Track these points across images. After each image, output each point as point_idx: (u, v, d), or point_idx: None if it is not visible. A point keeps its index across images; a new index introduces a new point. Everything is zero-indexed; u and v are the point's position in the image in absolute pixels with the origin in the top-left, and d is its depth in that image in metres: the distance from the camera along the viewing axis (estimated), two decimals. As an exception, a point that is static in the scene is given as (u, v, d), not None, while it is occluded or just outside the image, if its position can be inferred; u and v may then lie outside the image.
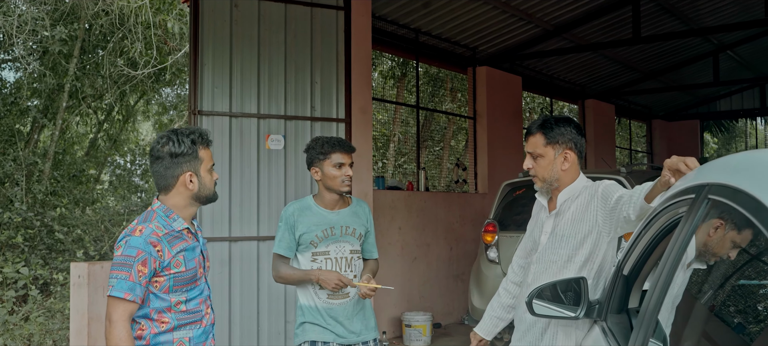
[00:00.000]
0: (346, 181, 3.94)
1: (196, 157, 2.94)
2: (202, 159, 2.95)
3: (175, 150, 2.90)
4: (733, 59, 14.85)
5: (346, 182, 3.94)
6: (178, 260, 2.88)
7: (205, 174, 2.97)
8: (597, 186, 3.17)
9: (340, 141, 3.98)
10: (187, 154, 2.92)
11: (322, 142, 3.96)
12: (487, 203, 10.65)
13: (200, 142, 2.95)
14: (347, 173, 3.93)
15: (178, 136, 2.92)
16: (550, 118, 3.28)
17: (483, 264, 7.48)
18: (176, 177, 2.93)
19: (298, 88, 6.93)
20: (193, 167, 2.93)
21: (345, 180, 3.93)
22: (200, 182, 2.96)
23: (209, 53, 6.51)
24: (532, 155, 3.28)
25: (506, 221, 7.51)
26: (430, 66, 13.18)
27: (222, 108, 6.57)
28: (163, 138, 2.94)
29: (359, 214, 4.07)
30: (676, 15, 11.47)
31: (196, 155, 2.93)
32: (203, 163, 2.96)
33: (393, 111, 14.10)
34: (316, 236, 3.93)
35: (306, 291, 3.98)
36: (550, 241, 3.26)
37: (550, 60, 12.49)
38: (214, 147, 6.50)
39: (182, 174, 2.93)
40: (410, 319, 8.46)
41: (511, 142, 11.62)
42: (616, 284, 2.98)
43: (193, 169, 2.94)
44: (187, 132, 2.95)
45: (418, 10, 9.21)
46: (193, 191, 2.95)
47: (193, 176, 2.94)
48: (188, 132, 2.95)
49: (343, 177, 3.92)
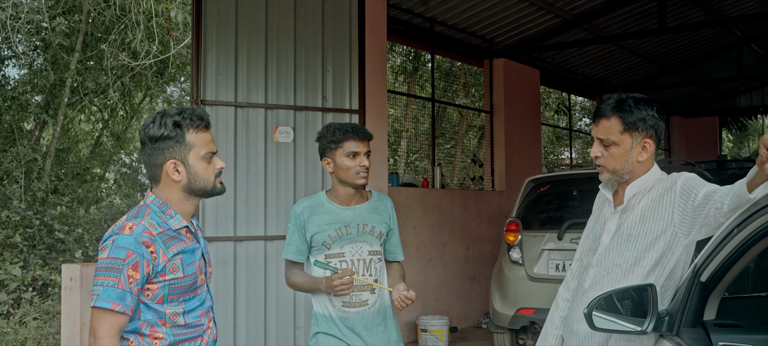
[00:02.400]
0: (362, 172, 3.46)
1: (182, 142, 2.48)
2: (191, 144, 2.49)
3: (155, 133, 2.46)
4: (755, 53, 14.35)
5: (361, 173, 3.46)
6: (174, 265, 2.43)
7: (197, 162, 2.50)
8: (674, 179, 2.69)
9: (355, 127, 3.51)
10: (169, 139, 2.46)
11: (334, 128, 3.50)
12: (504, 200, 10.20)
13: (189, 124, 2.48)
14: (363, 163, 3.46)
15: (162, 117, 2.47)
16: (628, 98, 2.76)
17: (505, 265, 7.02)
18: (160, 166, 2.49)
19: (308, 77, 6.50)
20: (178, 154, 2.48)
21: (360, 172, 3.45)
22: (189, 172, 2.50)
23: (213, 39, 6.08)
24: (603, 142, 2.78)
25: (530, 220, 7.04)
26: (444, 60, 12.74)
27: (227, 98, 6.14)
28: (147, 120, 2.49)
29: (380, 210, 3.61)
30: (701, 5, 10.99)
31: (181, 140, 2.47)
32: (193, 149, 2.49)
33: (405, 106, 13.65)
34: (328, 237, 3.47)
35: (320, 298, 3.53)
36: (614, 241, 2.78)
37: (568, 53, 12.04)
38: (218, 140, 6.15)
39: (165, 162, 2.48)
40: (426, 323, 8.04)
41: (529, 137, 11.17)
42: (691, 292, 2.52)
43: (179, 157, 2.48)
44: (173, 112, 2.49)
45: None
46: (181, 183, 2.50)
47: (178, 164, 2.48)
48: (174, 112, 2.49)
49: (357, 168, 3.45)
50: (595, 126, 2.80)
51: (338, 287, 3.31)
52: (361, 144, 3.46)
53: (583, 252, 3.00)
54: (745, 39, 13.33)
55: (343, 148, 3.45)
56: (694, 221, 2.58)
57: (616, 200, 2.88)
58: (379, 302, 3.56)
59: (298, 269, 3.58)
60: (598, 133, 2.78)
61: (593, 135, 2.81)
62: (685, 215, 2.61)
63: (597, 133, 2.79)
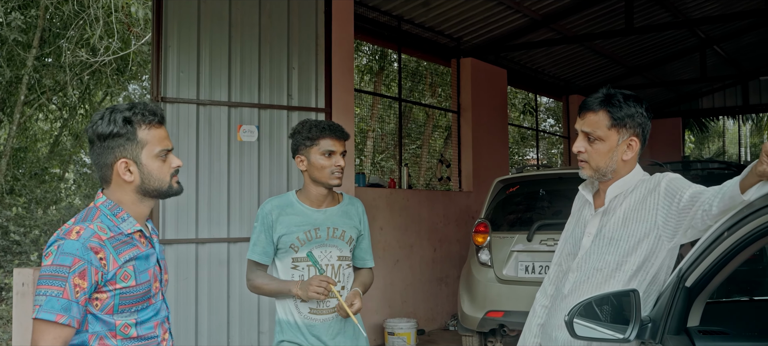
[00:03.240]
0: (337, 172, 3.31)
1: (134, 140, 2.29)
2: (143, 141, 2.30)
3: (104, 131, 2.27)
4: (717, 55, 14.48)
5: (336, 173, 3.31)
6: (126, 272, 2.24)
7: (151, 161, 2.32)
8: (658, 179, 2.57)
9: (332, 125, 3.35)
10: (119, 136, 2.27)
11: (309, 125, 3.33)
12: (472, 201, 10.11)
13: (141, 120, 2.30)
14: (338, 163, 3.30)
15: (112, 113, 2.28)
16: (617, 93, 2.65)
17: (474, 267, 6.90)
18: (110, 166, 2.30)
19: (273, 75, 6.31)
20: (129, 152, 2.29)
21: (335, 171, 3.30)
22: (142, 172, 2.31)
23: (174, 34, 5.86)
24: (588, 137, 2.66)
25: (499, 221, 6.94)
26: (410, 59, 12.61)
27: (188, 95, 5.93)
28: (95, 116, 2.31)
29: (351, 214, 3.45)
30: (667, 6, 11.02)
31: (132, 137, 2.29)
32: (146, 146, 2.31)
33: (371, 106, 13.50)
34: (297, 239, 3.30)
35: (284, 304, 3.36)
36: (594, 244, 2.66)
37: (535, 53, 12.00)
38: (179, 139, 5.94)
39: (115, 162, 2.29)
40: (393, 326, 7.90)
41: (497, 138, 11.09)
42: (676, 298, 2.41)
43: (130, 155, 2.30)
44: (124, 107, 2.31)
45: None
46: (133, 183, 2.31)
47: (130, 163, 2.30)
48: (125, 107, 2.31)
49: (332, 168, 3.29)
50: (580, 120, 2.68)
51: (315, 289, 3.14)
52: (337, 143, 3.31)
53: (562, 256, 2.87)
54: (709, 41, 13.43)
55: (318, 146, 3.30)
56: (679, 224, 2.47)
57: (597, 202, 2.76)
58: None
59: (262, 271, 3.41)
60: (584, 126, 2.66)
61: (578, 129, 2.69)
62: (669, 217, 2.50)
63: (582, 127, 2.67)
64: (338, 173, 3.31)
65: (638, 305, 2.42)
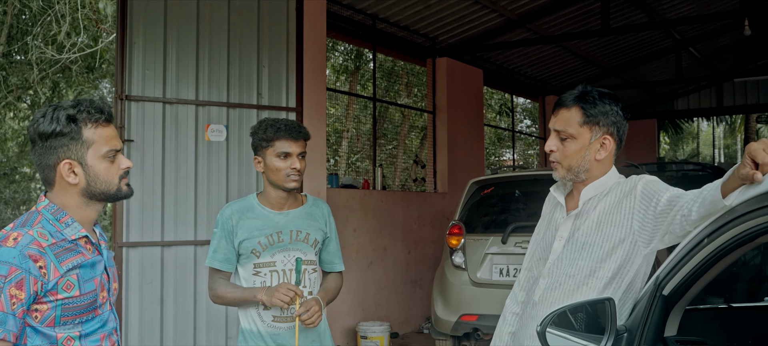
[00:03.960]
0: (293, 175, 3.14)
1: (78, 139, 2.13)
2: (89, 141, 2.15)
3: (46, 129, 2.11)
4: (693, 57, 14.52)
5: (291, 176, 3.14)
6: (69, 282, 2.08)
7: (97, 162, 2.16)
8: (634, 182, 2.46)
9: (289, 124, 3.18)
10: (63, 135, 2.12)
11: (266, 125, 3.18)
12: (447, 202, 10.00)
13: (86, 118, 2.14)
14: (294, 165, 3.13)
15: (55, 111, 2.13)
16: (593, 90, 2.54)
17: (448, 270, 6.78)
18: (53, 167, 2.14)
19: (242, 73, 6.17)
20: (73, 153, 2.14)
21: (291, 174, 3.14)
22: (87, 173, 2.16)
23: (140, 29, 5.69)
24: (560, 135, 2.54)
25: (473, 223, 6.82)
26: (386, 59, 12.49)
27: (154, 93, 5.76)
28: (37, 114, 2.15)
29: (316, 216, 3.30)
30: (643, 7, 10.99)
31: (77, 136, 2.13)
32: (92, 146, 2.15)
33: (346, 105, 13.35)
34: (258, 244, 3.15)
35: (247, 312, 3.21)
36: (566, 249, 2.54)
37: (511, 53, 11.92)
38: (144, 138, 5.77)
39: (58, 163, 2.13)
40: (366, 330, 7.76)
41: (472, 138, 10.99)
42: (653, 307, 2.30)
43: (75, 156, 2.14)
44: (68, 104, 2.15)
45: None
46: (78, 186, 2.16)
47: (74, 164, 2.14)
48: (69, 104, 2.15)
49: (288, 170, 3.13)
50: (554, 117, 2.57)
51: (280, 298, 2.99)
52: (293, 144, 3.15)
53: (533, 261, 2.75)
54: (684, 42, 13.45)
55: (274, 147, 3.14)
56: (656, 229, 2.36)
57: (570, 204, 2.64)
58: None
59: (224, 279, 3.25)
60: (556, 124, 2.55)
61: (550, 127, 2.58)
62: (646, 222, 2.39)
63: (554, 125, 2.55)
64: (294, 175, 3.15)
65: (614, 315, 2.31)
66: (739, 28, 12.72)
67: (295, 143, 3.15)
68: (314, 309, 3.06)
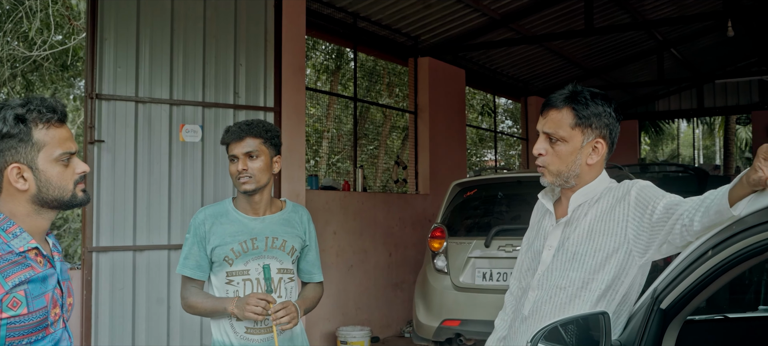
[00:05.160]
0: (243, 178, 2.95)
1: (28, 141, 1.94)
2: (40, 143, 1.96)
3: None
4: (674, 58, 14.50)
5: (241, 179, 2.95)
6: (15, 299, 1.89)
7: (49, 166, 1.97)
8: (627, 187, 2.31)
9: (236, 125, 3.02)
10: (10, 137, 1.93)
11: (226, 129, 3.04)
12: (429, 204, 9.85)
13: (37, 118, 1.95)
14: (240, 167, 2.95)
15: (2, 110, 1.94)
16: (584, 90, 2.38)
17: (430, 274, 6.63)
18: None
19: (219, 71, 6.01)
20: (22, 156, 1.95)
21: (241, 177, 2.95)
22: (38, 178, 1.97)
23: (111, 25, 5.51)
24: (550, 137, 2.38)
25: (456, 226, 6.68)
26: (367, 59, 12.33)
27: (126, 92, 5.58)
28: None
29: (293, 222, 3.12)
30: (626, 8, 10.92)
31: (27, 138, 1.94)
32: (44, 149, 1.96)
33: (326, 105, 13.17)
34: (231, 251, 2.97)
35: (219, 324, 3.03)
36: (556, 259, 2.38)
37: (494, 53, 11.80)
38: (116, 138, 5.57)
39: (6, 167, 1.95)
40: (346, 335, 7.61)
41: (454, 139, 10.85)
42: (650, 321, 2.16)
43: (24, 160, 1.95)
44: (16, 103, 1.96)
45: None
46: (28, 192, 1.97)
47: (24, 168, 1.96)
48: (18, 103, 1.96)
49: (237, 173, 2.96)
50: (542, 119, 2.41)
51: (252, 309, 2.82)
52: (237, 145, 2.96)
53: (522, 272, 2.60)
54: (666, 43, 13.42)
55: (228, 151, 3.00)
56: (652, 238, 2.21)
57: (559, 211, 2.49)
58: None
59: (197, 287, 3.07)
60: (546, 126, 2.38)
61: (539, 129, 2.42)
62: (641, 231, 2.24)
63: (544, 127, 2.39)
64: (244, 177, 2.95)
65: (608, 329, 2.16)
66: (719, 29, 12.71)
67: (239, 144, 2.97)
68: (291, 308, 2.88)
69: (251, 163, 2.95)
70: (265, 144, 3.01)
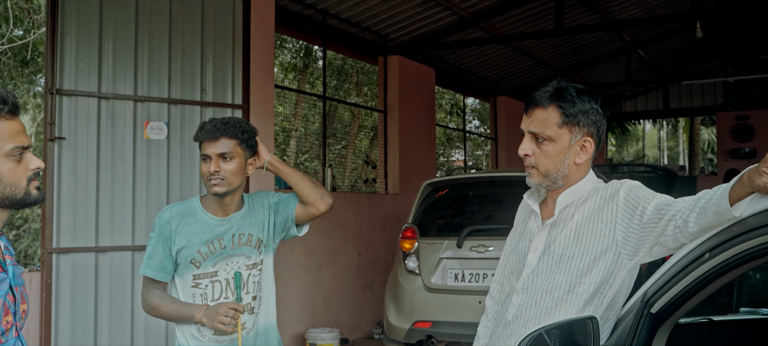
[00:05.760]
0: (214, 179, 2.80)
1: None
2: None
3: None
4: (641, 59, 14.61)
5: (212, 180, 2.80)
6: None
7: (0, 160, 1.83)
8: (616, 187, 2.22)
9: (210, 123, 2.86)
10: None
11: (199, 127, 2.88)
12: (398, 204, 9.75)
13: None
14: (212, 168, 2.79)
15: None
16: (569, 86, 2.28)
17: (401, 275, 6.54)
18: None
19: (185, 67, 5.87)
20: None
21: (211, 178, 2.80)
22: None
23: (73, 18, 5.33)
24: (536, 137, 2.28)
25: (427, 226, 6.59)
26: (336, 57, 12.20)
27: (89, 87, 5.41)
28: None
29: (254, 210, 2.99)
30: (595, 8, 10.94)
31: None
32: None
33: (294, 104, 13.00)
34: (198, 253, 2.84)
35: (185, 328, 2.89)
36: (542, 262, 2.29)
37: (463, 53, 11.74)
38: (77, 135, 5.38)
39: None
40: (315, 337, 7.47)
41: (424, 139, 10.77)
42: (640, 326, 2.07)
43: None
44: None
45: (327, -11, 8.23)
46: None
47: None
48: None
49: (208, 175, 2.81)
50: (527, 118, 2.30)
51: (222, 319, 2.68)
52: (211, 145, 2.81)
53: (505, 275, 2.49)
54: (634, 44, 13.50)
55: (201, 149, 2.84)
56: (642, 240, 2.12)
57: (545, 212, 2.39)
58: (259, 321, 2.95)
59: (160, 289, 2.92)
60: (531, 126, 2.28)
61: (524, 129, 2.32)
62: (630, 232, 2.15)
63: (529, 127, 2.29)
64: (216, 179, 2.80)
65: (597, 334, 2.07)
66: (686, 31, 12.85)
67: (213, 144, 2.81)
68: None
69: (224, 165, 2.81)
70: (241, 145, 2.87)
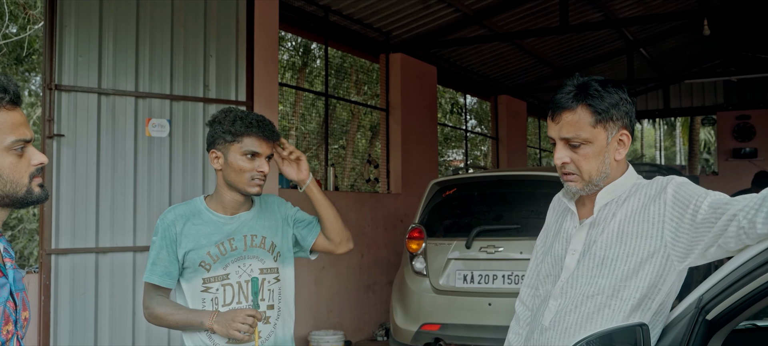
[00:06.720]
0: (258, 179, 2.71)
1: None
2: None
3: None
4: (642, 58, 14.53)
5: (256, 179, 2.70)
6: None
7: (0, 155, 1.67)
8: (662, 184, 2.07)
9: (261, 121, 2.73)
10: None
11: (233, 117, 2.71)
12: (401, 203, 9.62)
13: None
14: (262, 168, 2.70)
15: None
16: (591, 81, 2.12)
17: (408, 277, 6.40)
18: None
19: (187, 63, 5.76)
20: None
21: (256, 177, 2.70)
22: None
23: (72, 11, 5.20)
24: (569, 143, 2.12)
25: (434, 226, 6.46)
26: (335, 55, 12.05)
27: (88, 83, 5.28)
28: None
29: (268, 213, 2.88)
30: (599, 6, 10.83)
31: None
32: None
33: (294, 102, 12.85)
34: (208, 255, 2.69)
35: (194, 335, 2.73)
36: (582, 265, 2.13)
37: (465, 51, 11.62)
38: (77, 133, 5.21)
39: None
40: (319, 340, 7.35)
41: (426, 137, 10.63)
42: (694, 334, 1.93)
43: None
44: None
45: (329, -15, 8.10)
46: None
47: None
48: None
49: (254, 173, 2.69)
50: (554, 124, 2.13)
51: (238, 327, 2.54)
52: (264, 144, 2.70)
53: (539, 279, 2.34)
54: (636, 43, 13.41)
55: (241, 144, 2.68)
56: (694, 241, 1.97)
57: (582, 211, 2.24)
58: (276, 333, 2.81)
59: (163, 296, 2.77)
60: (563, 132, 2.11)
61: (553, 136, 2.15)
62: (680, 233, 1.99)
63: (561, 133, 2.12)
64: (260, 179, 2.72)
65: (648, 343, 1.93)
66: (689, 29, 12.76)
67: (266, 143, 2.71)
68: None
69: (268, 167, 2.75)
70: None
